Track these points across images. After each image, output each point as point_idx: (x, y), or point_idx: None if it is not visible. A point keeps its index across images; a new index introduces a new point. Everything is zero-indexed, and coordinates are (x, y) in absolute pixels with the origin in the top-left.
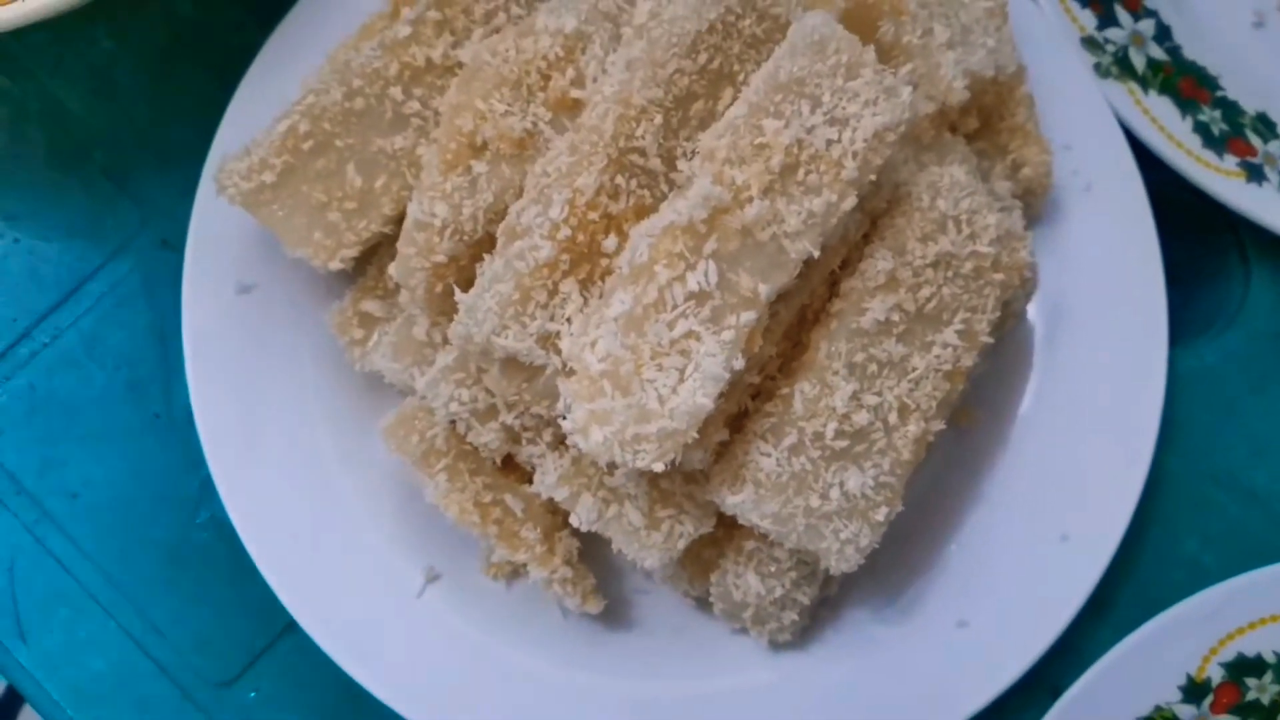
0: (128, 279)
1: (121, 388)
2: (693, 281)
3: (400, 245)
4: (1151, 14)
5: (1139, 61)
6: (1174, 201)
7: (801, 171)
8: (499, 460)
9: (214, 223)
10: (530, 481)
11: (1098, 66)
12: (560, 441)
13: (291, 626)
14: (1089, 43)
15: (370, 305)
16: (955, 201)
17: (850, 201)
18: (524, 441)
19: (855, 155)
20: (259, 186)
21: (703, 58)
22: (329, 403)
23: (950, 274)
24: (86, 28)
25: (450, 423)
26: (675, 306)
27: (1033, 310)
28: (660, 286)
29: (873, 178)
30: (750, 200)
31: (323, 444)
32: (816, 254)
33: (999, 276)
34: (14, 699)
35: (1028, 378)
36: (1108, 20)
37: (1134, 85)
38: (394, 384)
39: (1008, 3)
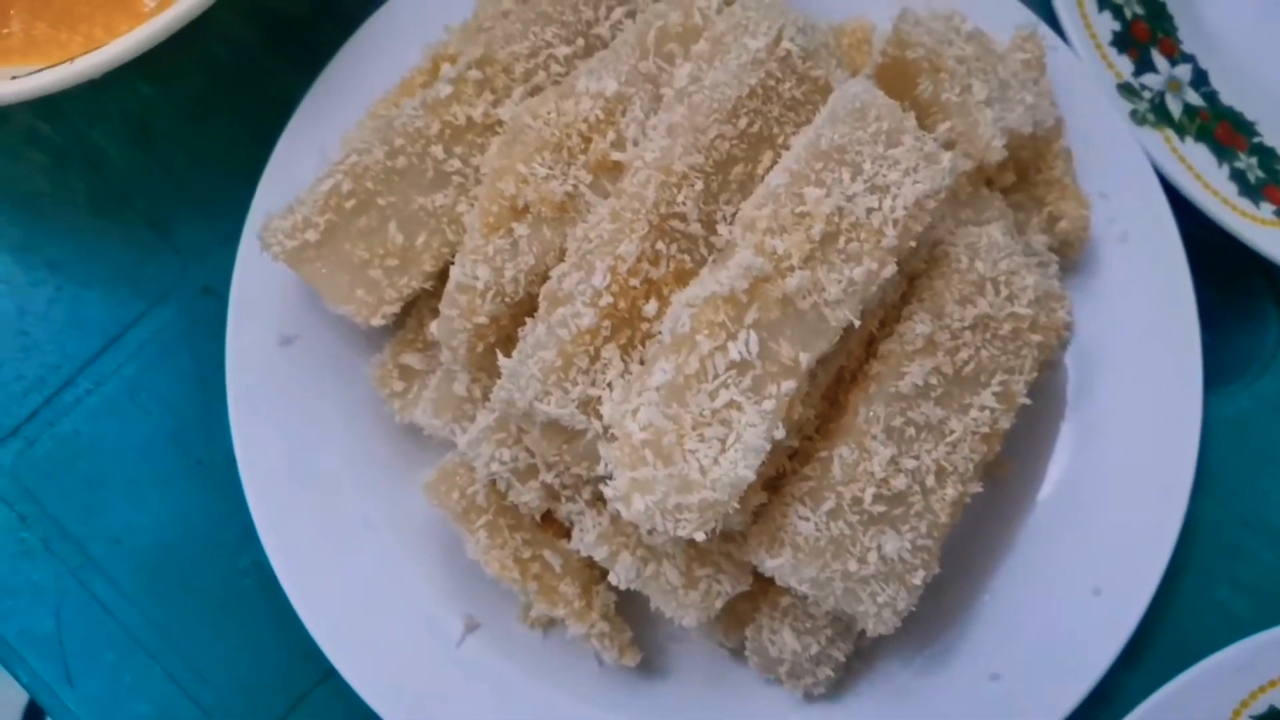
0: (170, 326)
1: (164, 434)
2: (734, 351)
3: (443, 307)
4: (1189, 59)
5: (1175, 108)
6: (1207, 244)
7: (842, 240)
8: (538, 516)
9: (257, 276)
10: (568, 536)
11: (1134, 113)
12: (599, 499)
13: (333, 671)
14: (1125, 89)
15: (410, 358)
16: (994, 263)
17: (890, 269)
18: (563, 499)
19: (896, 223)
20: (302, 245)
21: (743, 122)
22: (370, 452)
23: (988, 336)
24: (125, 75)
25: (490, 480)
26: (717, 376)
27: (1066, 359)
28: (702, 356)
29: (912, 244)
30: (791, 270)
31: (364, 493)
32: (857, 322)
33: (1037, 338)
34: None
35: (1061, 427)
36: (1144, 66)
37: (1170, 132)
38: (434, 436)
39: (1045, 54)
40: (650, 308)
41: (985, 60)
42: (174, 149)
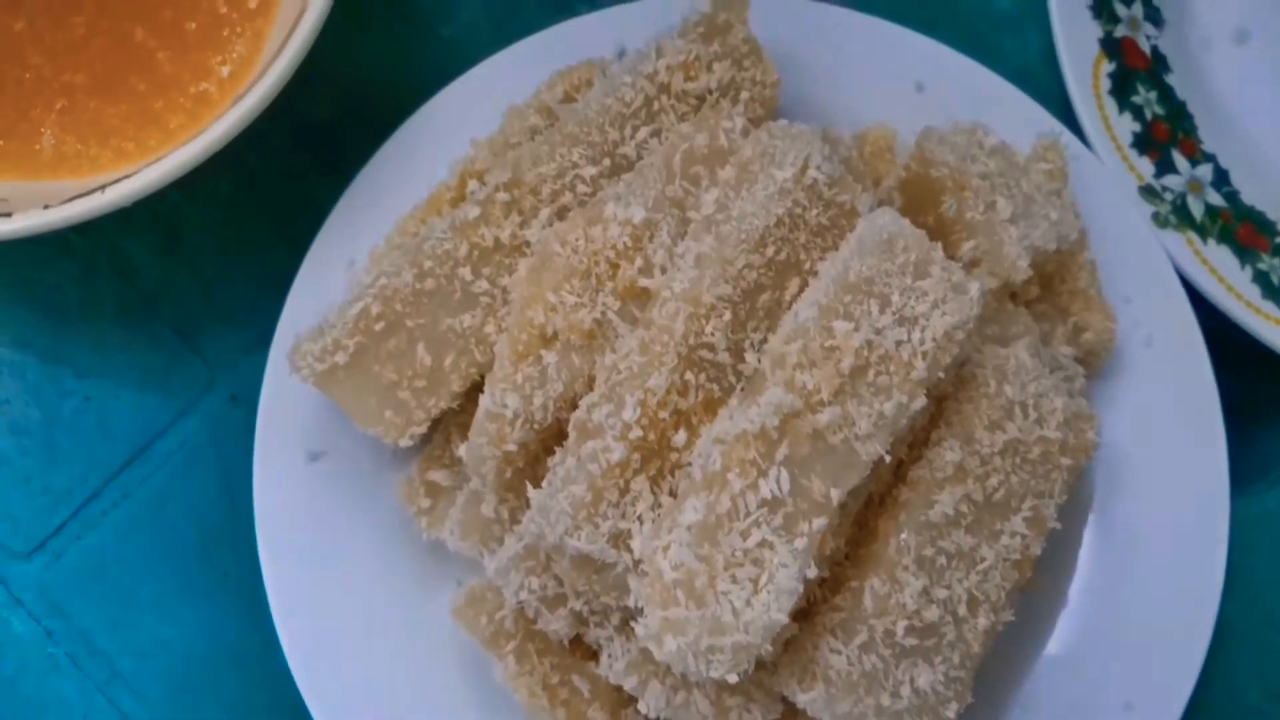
0: (196, 435)
1: (191, 546)
2: (765, 489)
3: (472, 434)
4: (1210, 159)
5: (1197, 209)
6: (1233, 340)
7: (871, 373)
8: (566, 641)
9: (284, 393)
10: (595, 658)
11: (1156, 216)
12: (628, 625)
13: None
14: (1147, 191)
15: (437, 475)
16: (1022, 386)
17: (920, 401)
18: (591, 624)
19: (925, 355)
20: (332, 367)
21: (770, 250)
22: (397, 569)
23: (1018, 461)
24: None
25: (518, 605)
26: (748, 514)
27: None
28: (733, 495)
29: (941, 375)
30: (822, 405)
31: (390, 609)
32: (887, 456)
33: (1067, 461)
34: None
35: (1086, 535)
36: (1165, 167)
37: (1192, 235)
38: (461, 555)
39: (1067, 164)
40: (680, 438)
41: (1009, 174)
42: (202, 256)
